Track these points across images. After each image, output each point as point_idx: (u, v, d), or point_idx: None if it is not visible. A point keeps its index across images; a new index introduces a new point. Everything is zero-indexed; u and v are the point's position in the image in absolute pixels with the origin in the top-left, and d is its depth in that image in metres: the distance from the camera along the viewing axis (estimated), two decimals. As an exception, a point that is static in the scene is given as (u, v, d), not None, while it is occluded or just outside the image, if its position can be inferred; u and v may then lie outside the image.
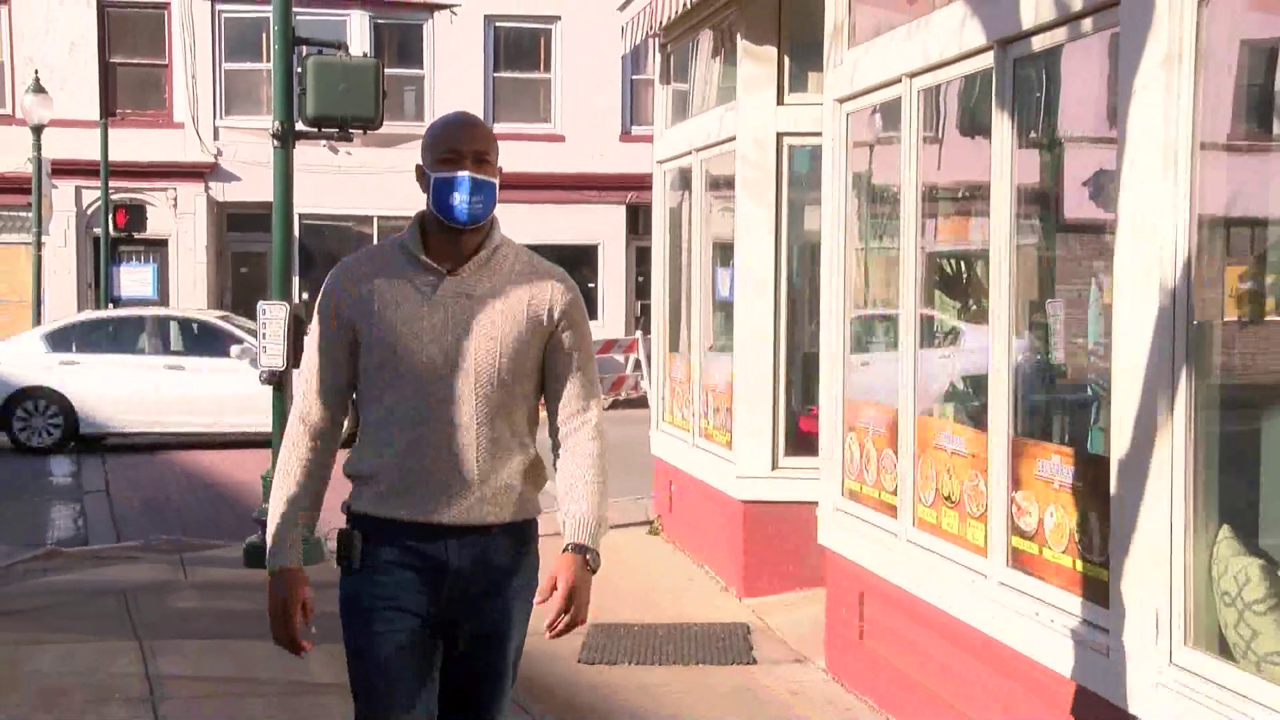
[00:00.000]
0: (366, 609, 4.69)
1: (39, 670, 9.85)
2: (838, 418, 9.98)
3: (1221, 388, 6.26)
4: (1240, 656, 5.95)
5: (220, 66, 37.01)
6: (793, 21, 11.82)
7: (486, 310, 4.72)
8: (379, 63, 14.75)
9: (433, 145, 4.75)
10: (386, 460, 4.69)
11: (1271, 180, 6.57)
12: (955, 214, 8.85)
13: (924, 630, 8.39)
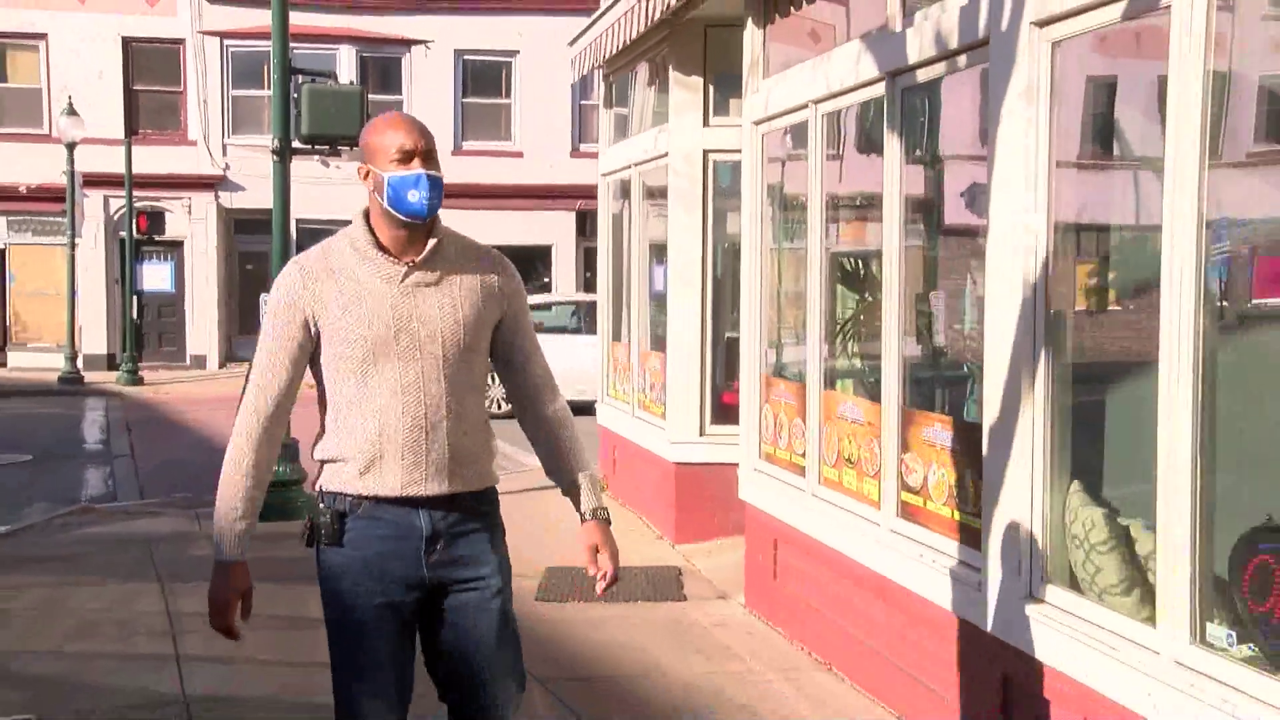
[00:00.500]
0: (344, 588, 4.34)
1: (75, 607, 9.83)
2: (755, 392, 10.00)
3: (1073, 366, 6.28)
4: (1087, 589, 6.03)
5: (228, 93, 36.84)
6: (715, 56, 11.81)
7: (448, 295, 4.40)
8: (363, 90, 14.92)
9: (381, 147, 4.37)
10: (362, 442, 4.29)
11: (1113, 193, 6.62)
12: (854, 220, 8.87)
13: (828, 571, 8.42)
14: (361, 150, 4.46)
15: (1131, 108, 6.42)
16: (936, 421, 7.44)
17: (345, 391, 4.32)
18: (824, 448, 8.73)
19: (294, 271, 4.38)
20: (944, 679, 6.92)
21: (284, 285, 4.38)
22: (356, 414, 4.29)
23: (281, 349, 4.34)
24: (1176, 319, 5.27)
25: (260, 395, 4.35)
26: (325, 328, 4.31)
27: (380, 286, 4.31)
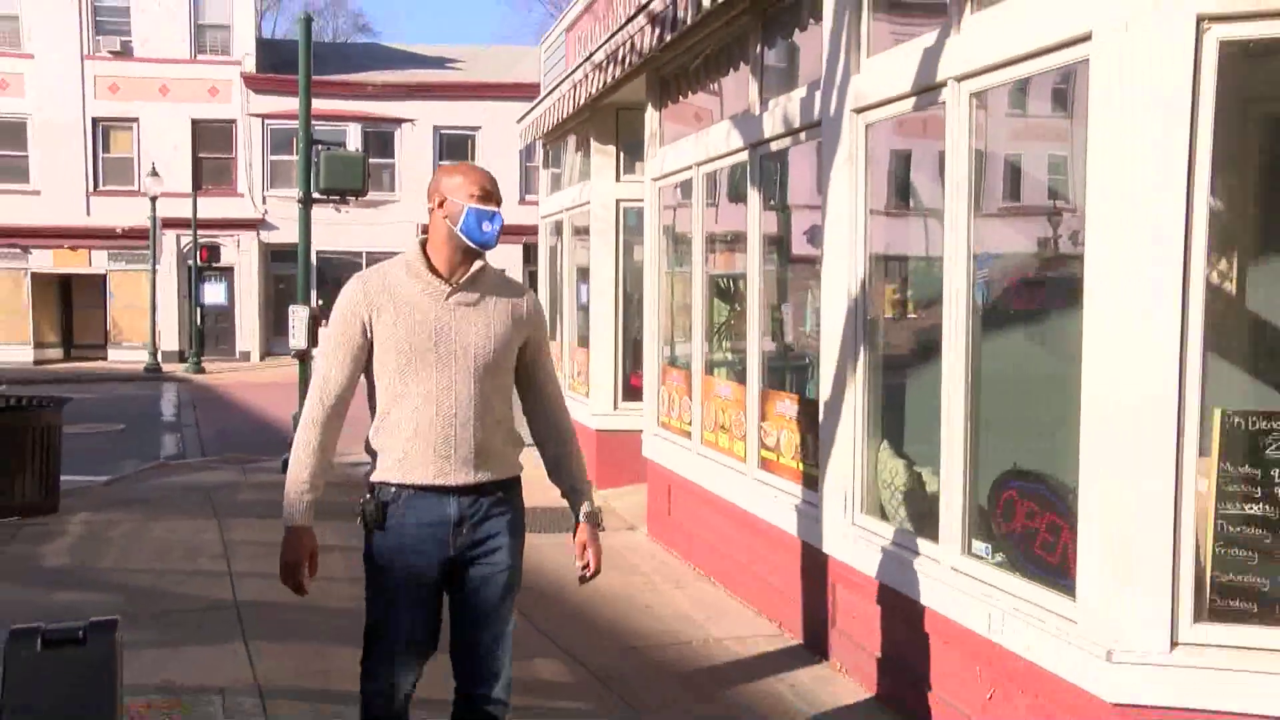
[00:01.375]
0: (383, 565, 3.96)
1: (155, 536, 9.79)
2: (655, 378, 10.00)
3: (883, 358, 6.32)
4: (892, 518, 6.09)
5: (267, 157, 36.65)
6: (625, 130, 11.80)
7: (483, 313, 4.01)
8: (365, 156, 14.87)
9: (465, 182, 4.00)
10: (406, 435, 3.91)
11: (909, 233, 6.66)
12: (725, 251, 8.89)
13: (708, 509, 8.45)
14: (438, 184, 4.06)
15: (921, 172, 6.47)
16: (786, 398, 7.47)
17: (390, 391, 3.95)
18: (704, 418, 8.74)
19: (357, 285, 4.01)
20: (791, 584, 6.97)
21: (348, 296, 4.00)
22: (398, 411, 3.93)
23: (343, 349, 3.96)
24: (954, 323, 5.35)
25: (324, 388, 3.96)
26: (378, 334, 3.95)
27: (427, 302, 3.95)
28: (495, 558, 4.04)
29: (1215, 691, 4.23)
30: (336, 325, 3.99)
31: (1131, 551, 4.27)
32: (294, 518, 3.97)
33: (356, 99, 36.69)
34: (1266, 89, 4.83)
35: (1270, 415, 4.42)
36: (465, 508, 3.97)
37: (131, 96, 35.53)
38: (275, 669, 6.20)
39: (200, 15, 36.11)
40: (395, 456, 3.93)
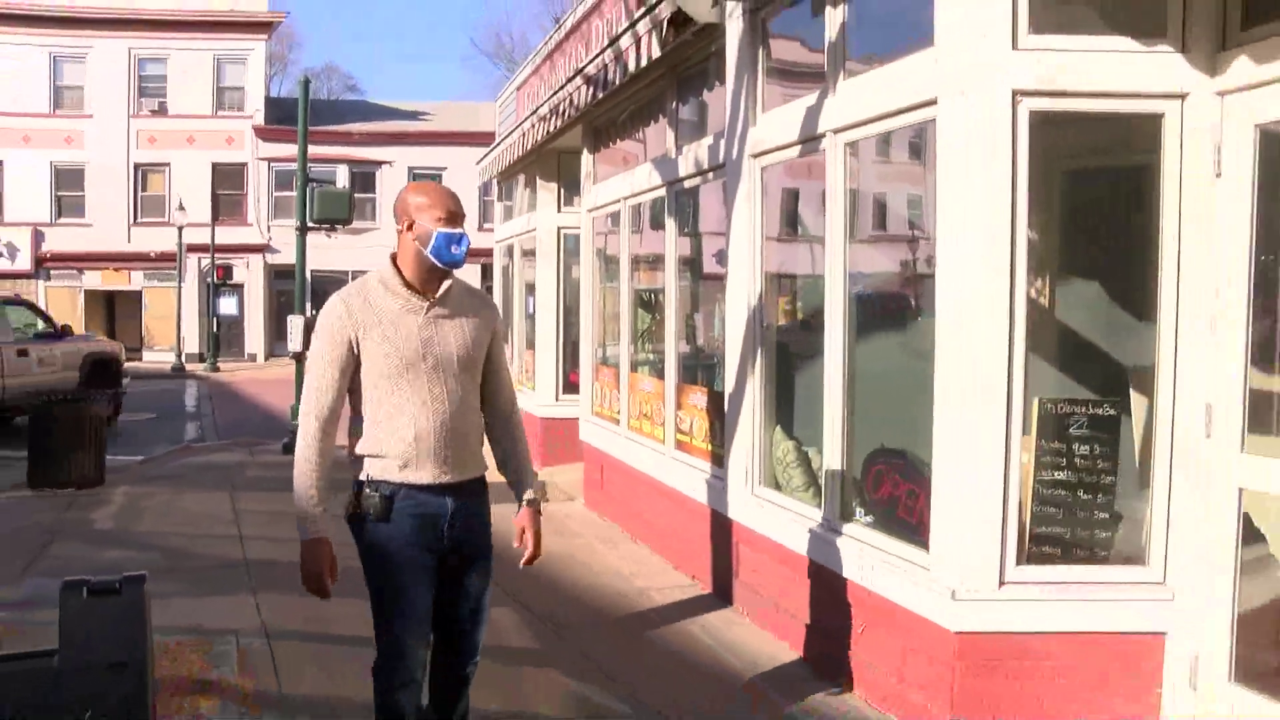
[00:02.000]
0: (392, 551, 3.63)
1: (182, 506, 9.72)
2: (590, 374, 10.03)
3: (777, 356, 6.38)
4: (785, 488, 6.14)
5: (272, 193, 36.87)
6: (565, 170, 11.79)
7: (459, 325, 3.70)
8: (351, 192, 15.02)
9: (431, 205, 3.63)
10: (407, 442, 3.58)
11: (797, 255, 6.74)
12: (648, 269, 8.93)
13: (634, 483, 8.47)
14: (406, 206, 3.68)
15: (808, 206, 6.50)
16: (698, 391, 7.51)
17: (383, 401, 3.60)
18: (630, 408, 8.78)
19: (340, 306, 3.62)
20: (702, 544, 7.00)
21: (332, 315, 3.62)
22: (396, 419, 3.59)
23: (333, 367, 3.58)
24: (833, 329, 5.44)
25: (318, 403, 3.58)
26: (366, 349, 3.59)
27: (409, 317, 3.62)
28: (479, 547, 3.79)
29: (1032, 617, 4.40)
30: (324, 343, 3.62)
31: (971, 511, 4.40)
32: (308, 531, 3.62)
33: (345, 145, 36.90)
34: (1066, 149, 5.00)
35: (1073, 401, 4.60)
36: (456, 504, 3.69)
37: (165, 146, 36.30)
38: (279, 616, 6.19)
39: (221, 79, 37.05)
40: (396, 461, 3.61)
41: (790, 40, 6.28)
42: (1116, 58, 4.35)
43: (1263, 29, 4.13)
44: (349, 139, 36.99)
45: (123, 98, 36.03)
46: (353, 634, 5.89)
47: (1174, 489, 4.41)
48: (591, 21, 9.80)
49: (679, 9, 6.40)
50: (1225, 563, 4.26)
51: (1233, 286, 4.22)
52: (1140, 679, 4.42)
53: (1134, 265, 4.65)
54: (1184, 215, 4.35)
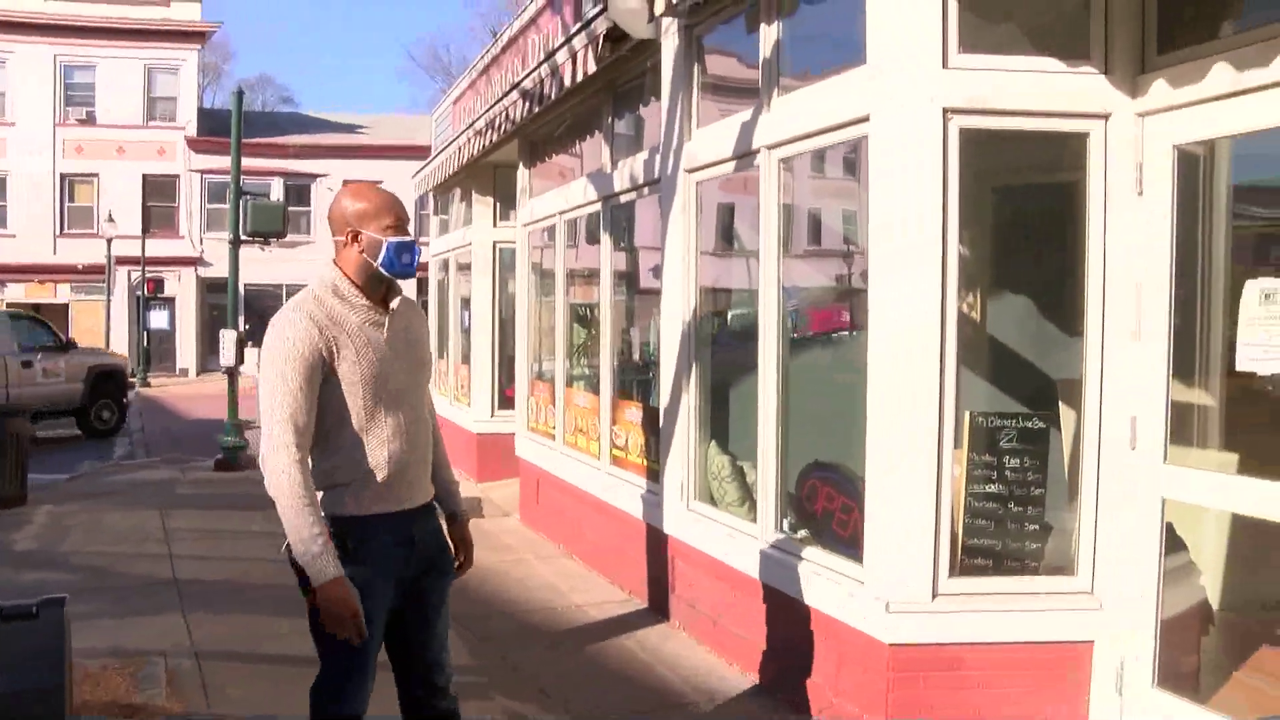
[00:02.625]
0: (363, 592, 3.15)
1: (110, 524, 9.50)
2: (526, 389, 9.96)
3: (712, 371, 6.38)
4: (720, 503, 6.13)
5: (204, 206, 36.25)
6: (500, 184, 11.74)
7: (416, 340, 3.40)
8: (285, 205, 14.98)
9: (376, 212, 3.29)
10: (374, 466, 3.23)
11: (731, 269, 6.76)
12: (584, 283, 8.92)
13: (570, 498, 8.43)
14: (345, 214, 3.31)
15: (742, 221, 6.53)
16: (633, 406, 7.50)
17: (355, 424, 3.22)
18: (566, 423, 8.73)
19: (305, 322, 3.17)
20: (638, 559, 6.98)
21: (299, 332, 3.16)
22: (367, 442, 3.23)
23: (306, 388, 3.13)
24: (767, 343, 5.45)
25: (292, 431, 3.11)
26: (340, 369, 3.18)
27: (373, 332, 3.25)
28: (444, 566, 3.49)
29: (965, 628, 4.43)
30: (291, 364, 3.14)
31: (904, 524, 4.42)
32: (326, 572, 3.08)
33: (280, 158, 36.38)
34: (996, 165, 5.08)
35: (1004, 415, 4.66)
36: (420, 527, 3.38)
37: (93, 156, 35.38)
38: (209, 635, 6.07)
39: (152, 89, 36.22)
40: (367, 489, 3.24)
41: (725, 56, 6.31)
42: (1044, 78, 4.42)
43: (1176, 54, 4.25)
44: (284, 151, 36.51)
45: (48, 106, 35.00)
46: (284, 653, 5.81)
47: (1101, 500, 4.47)
48: (528, 36, 9.78)
49: (615, 25, 6.40)
50: (1149, 571, 4.32)
51: (1155, 301, 4.30)
52: (1069, 686, 4.48)
53: (1062, 280, 4.72)
54: (1109, 231, 4.43)
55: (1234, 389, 4.53)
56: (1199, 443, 4.63)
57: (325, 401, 3.20)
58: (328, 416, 3.21)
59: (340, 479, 3.24)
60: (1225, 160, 4.57)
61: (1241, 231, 4.88)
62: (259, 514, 10.24)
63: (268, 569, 7.82)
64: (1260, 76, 3.84)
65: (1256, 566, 4.97)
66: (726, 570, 5.74)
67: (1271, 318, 3.84)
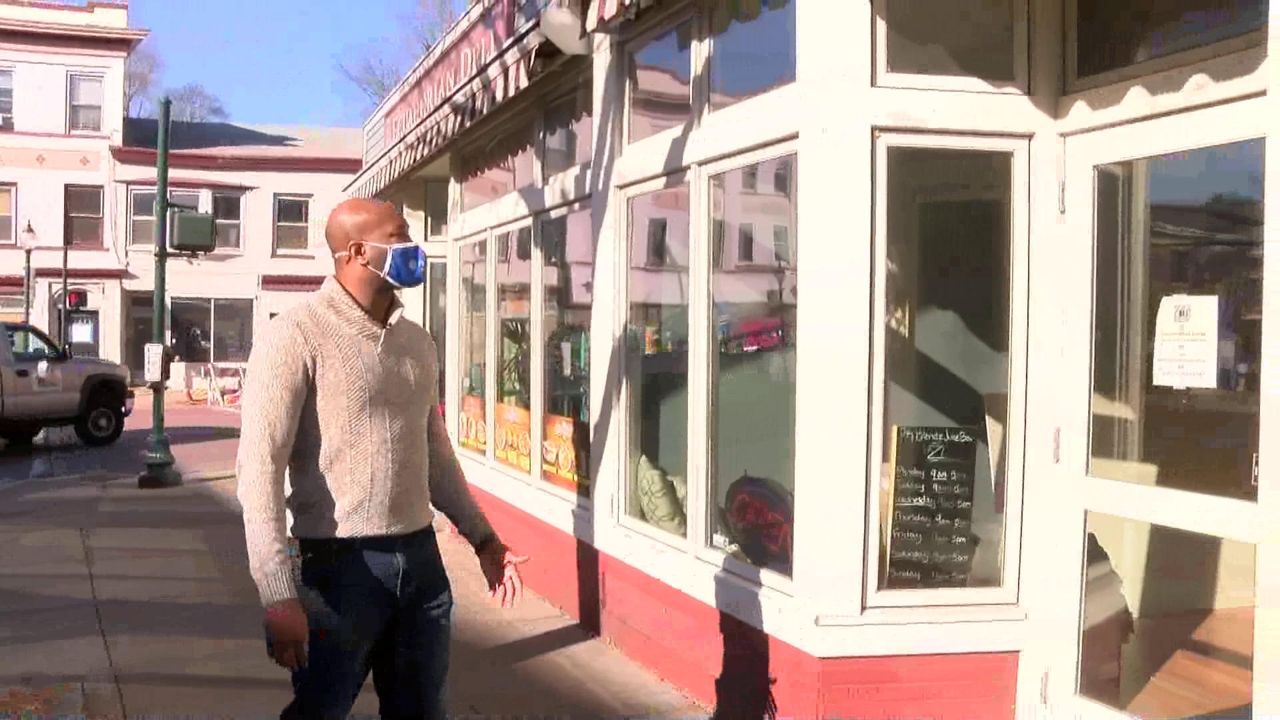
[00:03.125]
0: (336, 624, 3.04)
1: (26, 545, 9.25)
2: (457, 404, 9.89)
3: (642, 386, 6.39)
4: (650, 518, 6.12)
5: (130, 217, 35.56)
6: (432, 198, 11.67)
7: (412, 355, 3.25)
8: (214, 217, 14.72)
9: (378, 222, 3.16)
10: (362, 485, 3.07)
11: (662, 285, 6.78)
12: (515, 298, 8.86)
13: (501, 513, 8.27)
14: (345, 229, 3.18)
15: (674, 236, 6.55)
16: (564, 421, 7.46)
17: (337, 438, 3.06)
18: (497, 438, 8.68)
19: (290, 329, 3.05)
20: (569, 574, 6.94)
21: (284, 339, 3.04)
22: (350, 459, 3.07)
23: (287, 398, 3.00)
24: (697, 358, 5.46)
25: (269, 440, 2.97)
26: (323, 379, 3.04)
27: (368, 345, 3.12)
28: (441, 599, 3.31)
29: (894, 640, 4.45)
30: (273, 370, 3.01)
31: (833, 538, 4.45)
32: (280, 592, 2.90)
33: (208, 169, 35.80)
34: (924, 183, 5.15)
35: (931, 429, 4.71)
36: (410, 557, 3.19)
37: (12, 164, 34.46)
38: (131, 658, 5.91)
39: (75, 97, 35.43)
40: (345, 509, 3.07)
41: (657, 73, 6.33)
42: (970, 98, 4.49)
43: (1095, 78, 4.35)
44: (213, 163, 35.96)
45: (-38, 111, 34.09)
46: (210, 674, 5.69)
47: (1026, 512, 4.53)
48: (460, 50, 9.73)
49: (547, 40, 6.39)
50: (1072, 582, 4.39)
51: (1077, 317, 4.38)
52: (996, 696, 4.53)
53: (988, 296, 4.79)
54: (1033, 248, 4.50)
55: (1153, 403, 4.64)
56: (1120, 455, 4.72)
57: (310, 413, 3.07)
58: (313, 429, 3.07)
59: (320, 496, 3.08)
60: (1143, 181, 4.68)
61: (1159, 250, 5.00)
62: (185, 531, 10.07)
63: (194, 587, 7.67)
64: (1172, 101, 3.95)
65: (1174, 575, 5.09)
66: (657, 585, 5.73)
67: (1185, 334, 3.93)
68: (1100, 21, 4.41)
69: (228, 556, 8.51)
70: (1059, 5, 4.48)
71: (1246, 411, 3.23)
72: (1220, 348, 3.88)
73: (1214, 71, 3.79)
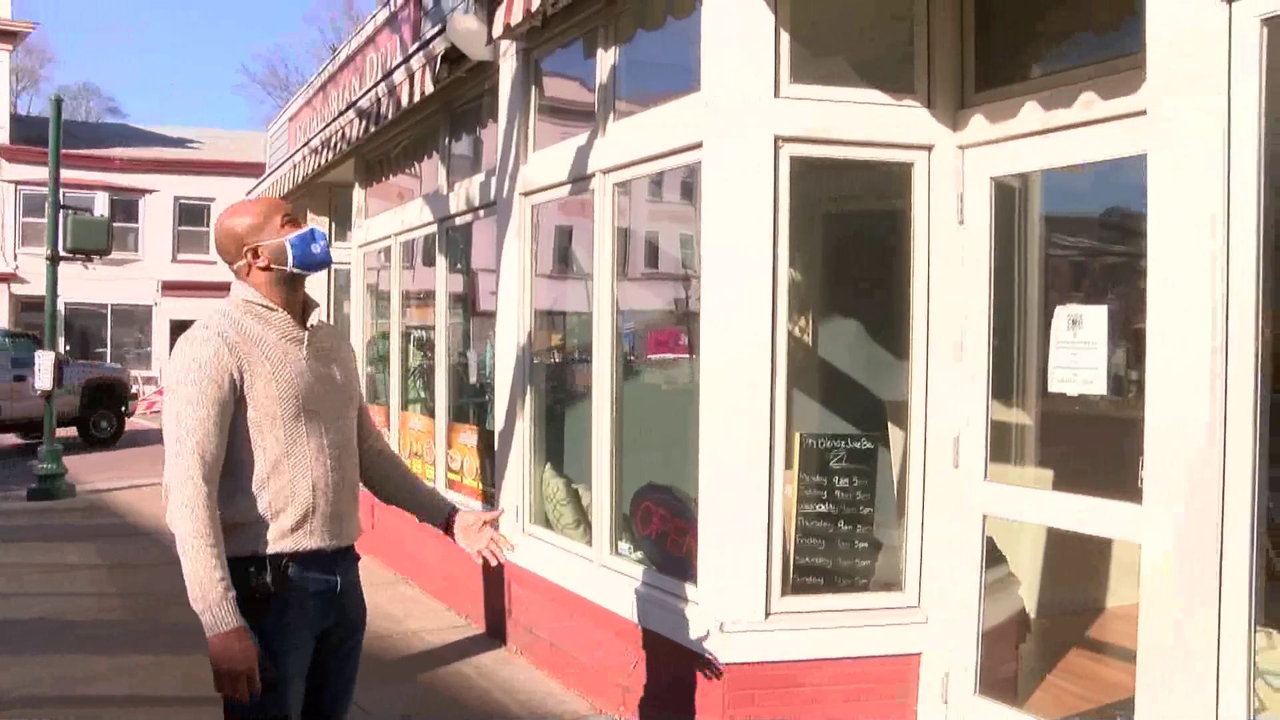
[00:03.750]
0: (283, 647, 2.84)
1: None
2: (363, 411, 9.76)
3: (546, 395, 6.36)
4: (555, 526, 6.09)
5: (20, 219, 34.07)
6: (337, 203, 11.51)
7: (336, 359, 3.08)
8: (109, 220, 14.23)
9: (266, 216, 2.98)
10: (296, 499, 2.88)
11: (568, 292, 6.75)
12: (420, 305, 8.77)
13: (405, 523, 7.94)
14: (237, 235, 2.98)
15: (579, 244, 6.47)
16: (468, 430, 7.41)
17: (273, 450, 2.87)
18: (401, 447, 8.56)
19: (215, 340, 2.83)
20: (475, 584, 6.87)
21: (205, 348, 2.82)
22: (288, 471, 2.88)
23: (216, 413, 2.78)
24: (602, 366, 5.45)
25: (201, 464, 2.74)
26: (252, 390, 2.85)
27: (294, 350, 2.93)
28: (360, 616, 3.15)
29: (798, 645, 4.49)
30: (201, 389, 2.79)
31: (737, 545, 4.46)
32: (227, 621, 2.70)
33: (105, 171, 34.59)
34: (827, 193, 5.20)
35: (834, 436, 4.76)
36: (344, 571, 3.04)
37: None
38: (15, 680, 5.67)
39: None
40: (286, 525, 2.88)
41: (563, 80, 6.31)
42: (872, 109, 4.55)
43: (991, 92, 4.45)
44: (109, 164, 34.87)
45: None
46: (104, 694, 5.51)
47: (926, 517, 4.60)
48: (366, 54, 9.60)
49: (453, 46, 6.34)
50: (971, 585, 4.47)
51: (975, 326, 4.46)
52: (898, 698, 4.58)
53: (890, 304, 4.85)
54: (933, 258, 4.58)
55: (1048, 409, 4.74)
56: (1017, 460, 4.82)
57: (240, 427, 2.87)
58: (243, 444, 2.87)
59: (260, 513, 2.88)
60: (1038, 193, 4.78)
61: (1054, 260, 5.12)
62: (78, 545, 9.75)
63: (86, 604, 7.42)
64: (1065, 117, 4.05)
65: (1069, 575, 5.22)
66: (563, 594, 5.70)
67: (1078, 342, 4.03)
68: (996, 38, 4.51)
69: (124, 570, 8.27)
70: (957, 21, 4.58)
71: (1135, 417, 3.32)
72: (1111, 355, 3.98)
73: (1102, 90, 3.89)
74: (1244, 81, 3.02)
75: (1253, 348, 3.03)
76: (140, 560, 2.66)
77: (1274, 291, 3.08)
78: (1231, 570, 3.05)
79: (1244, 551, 3.03)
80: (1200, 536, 3.09)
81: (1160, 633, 3.22)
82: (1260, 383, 3.02)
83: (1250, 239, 3.02)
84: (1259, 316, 3.02)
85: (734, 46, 4.48)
